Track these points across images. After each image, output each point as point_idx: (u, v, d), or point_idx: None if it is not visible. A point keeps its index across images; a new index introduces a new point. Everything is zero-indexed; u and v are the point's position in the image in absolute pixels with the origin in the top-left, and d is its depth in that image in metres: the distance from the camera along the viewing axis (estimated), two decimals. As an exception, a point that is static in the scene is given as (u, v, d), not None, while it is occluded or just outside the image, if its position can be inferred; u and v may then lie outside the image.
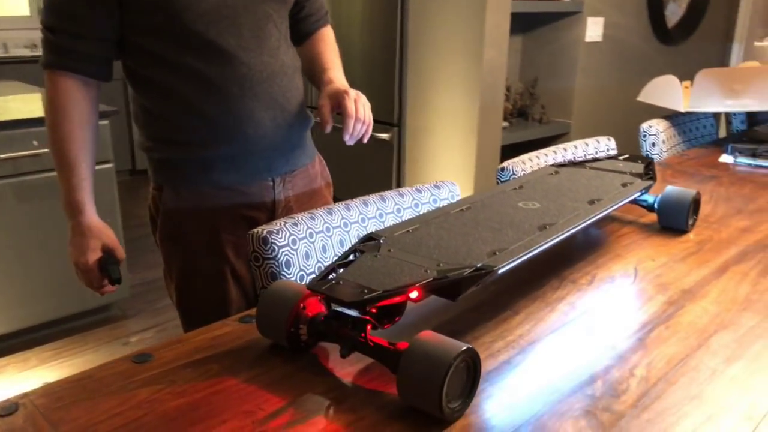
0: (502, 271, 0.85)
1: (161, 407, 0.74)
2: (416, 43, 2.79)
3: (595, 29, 3.19)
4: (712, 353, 0.87)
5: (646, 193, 1.29)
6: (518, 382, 0.80)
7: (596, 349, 0.88)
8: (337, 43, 1.43)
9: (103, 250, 1.20)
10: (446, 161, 2.80)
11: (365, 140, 1.22)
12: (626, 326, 0.94)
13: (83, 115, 1.16)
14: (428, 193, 1.35)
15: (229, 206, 1.25)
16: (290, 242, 1.09)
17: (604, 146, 1.82)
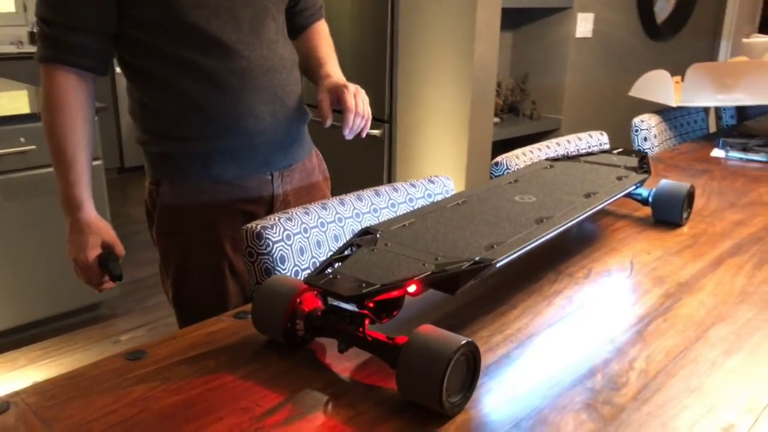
0: (500, 264, 0.84)
1: (156, 404, 0.73)
2: (407, 39, 2.78)
3: (585, 25, 3.19)
4: (710, 346, 0.87)
5: (641, 186, 1.29)
6: (518, 375, 0.79)
7: (595, 342, 0.87)
8: None
9: (102, 246, 1.19)
10: (438, 157, 2.79)
11: (364, 135, 1.22)
12: (624, 319, 0.93)
13: (80, 109, 1.14)
14: (422, 187, 1.34)
15: (227, 201, 1.24)
16: (284, 237, 1.08)
17: (596, 141, 1.82)
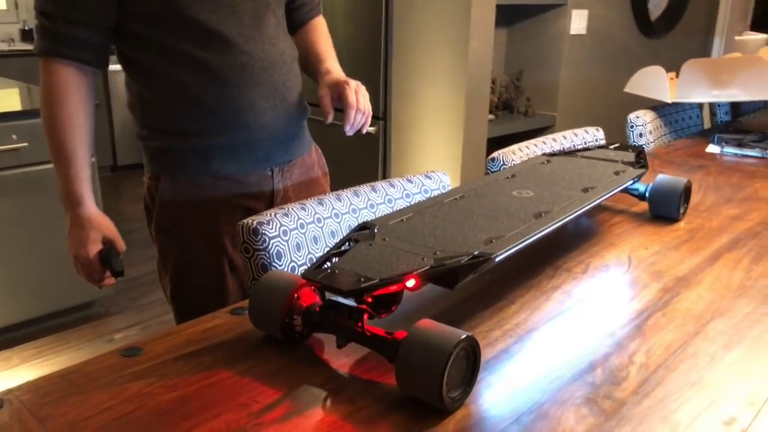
0: (499, 258, 0.84)
1: (153, 401, 0.72)
2: (401, 35, 2.77)
3: (579, 22, 3.19)
4: (710, 340, 0.86)
5: (638, 181, 1.28)
6: (517, 370, 0.79)
7: (594, 336, 0.87)
8: None
9: (103, 242, 1.18)
10: (432, 154, 2.79)
11: (364, 131, 1.22)
12: (623, 314, 0.93)
13: (80, 103, 1.13)
14: (419, 183, 1.34)
15: (227, 196, 1.23)
16: (281, 233, 1.07)
17: (592, 136, 1.82)
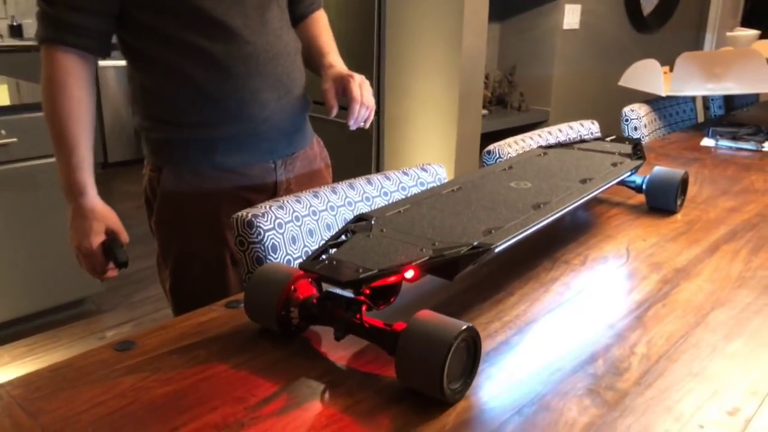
0: (499, 249, 0.82)
1: (147, 395, 0.70)
2: (394, 30, 2.75)
3: (572, 16, 3.19)
4: (711, 330, 0.86)
5: (635, 172, 1.27)
6: (518, 362, 0.78)
7: (594, 328, 0.86)
8: None
9: (106, 233, 1.16)
10: (426, 150, 2.77)
11: (367, 125, 1.22)
12: (623, 305, 0.92)
13: (82, 91, 1.11)
14: (415, 176, 1.33)
15: (230, 188, 1.21)
16: (276, 226, 1.06)
17: (587, 130, 1.81)
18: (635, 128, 2.05)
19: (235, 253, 1.22)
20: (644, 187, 1.30)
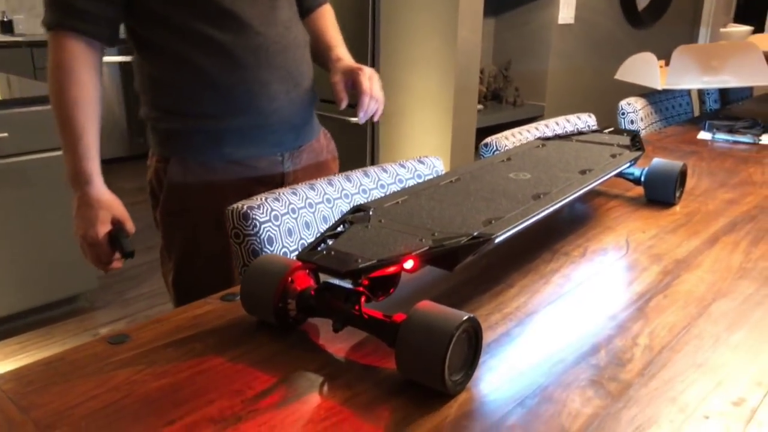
0: (499, 239, 0.81)
1: (142, 389, 0.69)
2: (389, 24, 2.74)
3: (567, 11, 3.18)
4: (713, 321, 0.85)
5: (635, 163, 1.27)
6: (519, 353, 0.76)
7: (596, 319, 0.85)
8: None
9: (112, 222, 1.14)
10: (421, 144, 2.76)
11: (376, 118, 1.21)
12: (624, 296, 0.91)
13: (90, 79, 1.09)
14: (412, 168, 1.31)
15: (237, 181, 1.20)
16: (272, 218, 1.04)
17: (584, 123, 1.80)
18: (632, 122, 2.05)
19: None
20: (643, 179, 1.29)
